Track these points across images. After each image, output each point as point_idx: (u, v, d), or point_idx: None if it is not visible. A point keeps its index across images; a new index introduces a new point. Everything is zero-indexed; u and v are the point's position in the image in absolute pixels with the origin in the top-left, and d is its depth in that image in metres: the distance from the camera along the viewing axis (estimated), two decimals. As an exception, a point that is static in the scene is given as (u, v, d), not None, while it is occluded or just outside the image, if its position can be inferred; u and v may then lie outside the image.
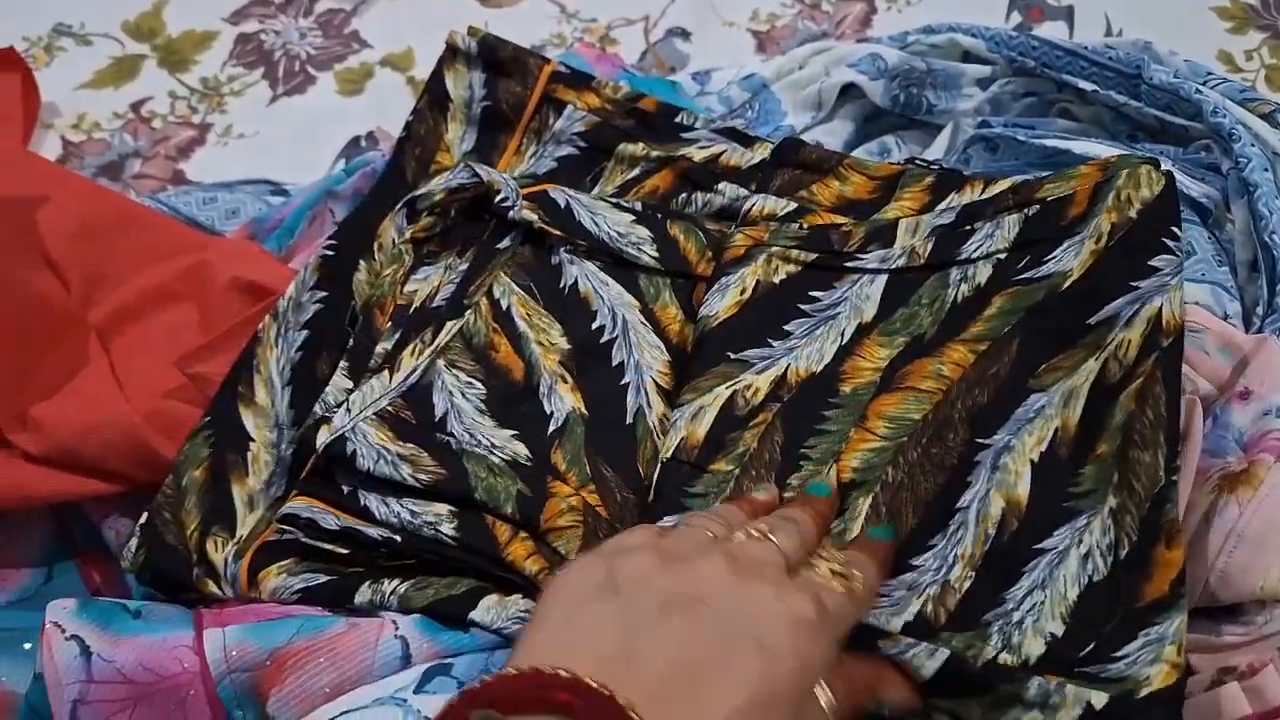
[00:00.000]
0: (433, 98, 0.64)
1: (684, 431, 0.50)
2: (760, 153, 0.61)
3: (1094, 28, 0.76)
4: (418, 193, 0.57)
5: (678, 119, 0.63)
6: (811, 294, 0.53)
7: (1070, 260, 0.50)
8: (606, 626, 0.35)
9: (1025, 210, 0.52)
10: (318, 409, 0.51)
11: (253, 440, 0.53)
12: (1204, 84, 0.63)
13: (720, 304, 0.53)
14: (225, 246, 0.60)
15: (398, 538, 0.48)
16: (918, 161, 0.64)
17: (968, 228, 0.53)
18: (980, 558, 0.45)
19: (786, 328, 0.53)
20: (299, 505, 0.49)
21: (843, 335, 0.52)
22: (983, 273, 0.51)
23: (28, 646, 0.53)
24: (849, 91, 0.69)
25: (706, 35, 0.78)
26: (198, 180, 0.73)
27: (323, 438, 0.50)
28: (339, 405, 0.51)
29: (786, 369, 0.52)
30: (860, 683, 0.40)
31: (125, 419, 0.51)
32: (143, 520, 0.50)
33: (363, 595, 0.46)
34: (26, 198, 0.62)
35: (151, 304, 0.58)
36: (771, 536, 0.40)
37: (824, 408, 0.50)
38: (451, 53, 0.64)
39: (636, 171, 0.61)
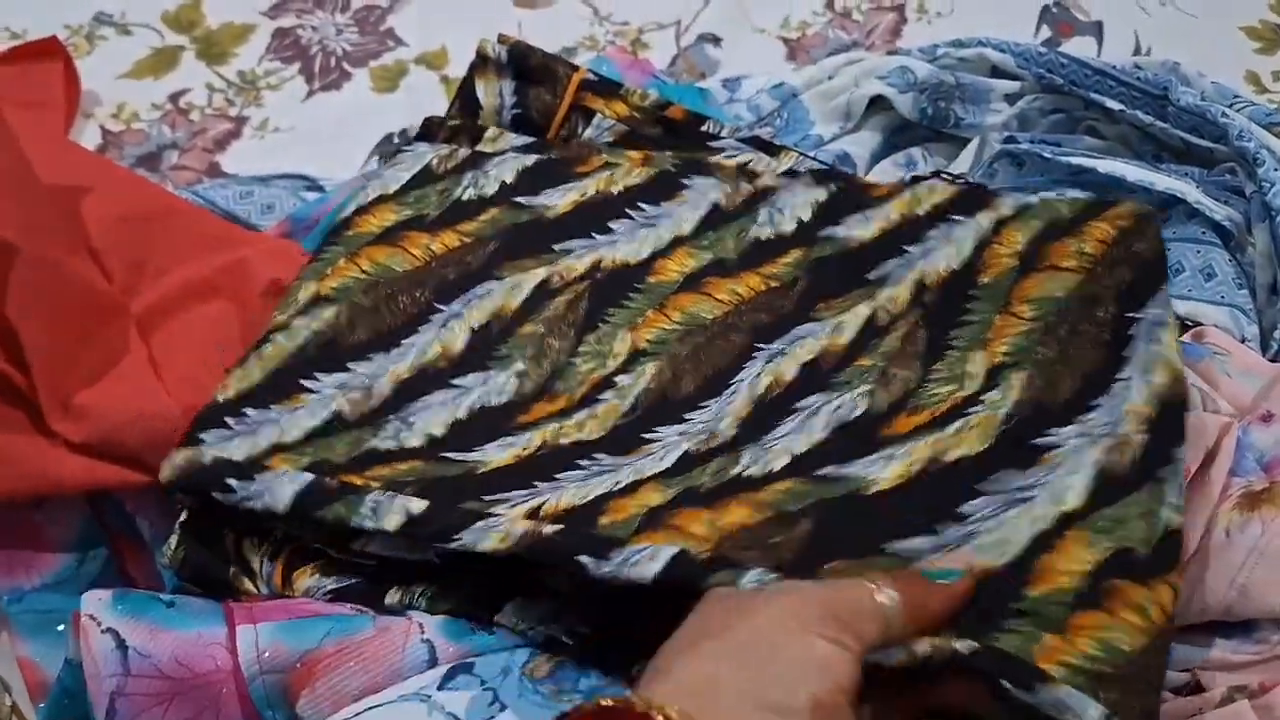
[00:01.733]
0: (464, 104, 0.65)
1: (500, 302, 0.56)
2: (786, 162, 0.62)
3: (1123, 45, 0.77)
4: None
5: (705, 128, 0.64)
6: (640, 204, 0.60)
7: (860, 230, 0.57)
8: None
9: (831, 185, 0.60)
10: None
11: None
12: (1230, 107, 0.64)
13: (560, 201, 0.60)
14: (265, 245, 0.61)
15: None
16: (943, 175, 0.65)
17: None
18: (747, 415, 0.51)
19: (611, 225, 0.59)
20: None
21: (660, 241, 0.58)
22: (787, 224, 0.58)
23: (61, 629, 0.54)
24: (877, 103, 0.70)
25: (737, 42, 0.79)
26: (234, 173, 0.74)
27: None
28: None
29: (602, 258, 0.58)
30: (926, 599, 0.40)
31: (167, 413, 0.52)
32: (182, 518, 0.51)
33: (392, 597, 0.48)
34: (71, 186, 0.63)
35: (191, 298, 0.59)
36: None
37: (630, 290, 0.57)
38: (482, 60, 0.65)
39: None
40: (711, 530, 0.45)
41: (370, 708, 0.43)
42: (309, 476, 0.48)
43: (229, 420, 0.51)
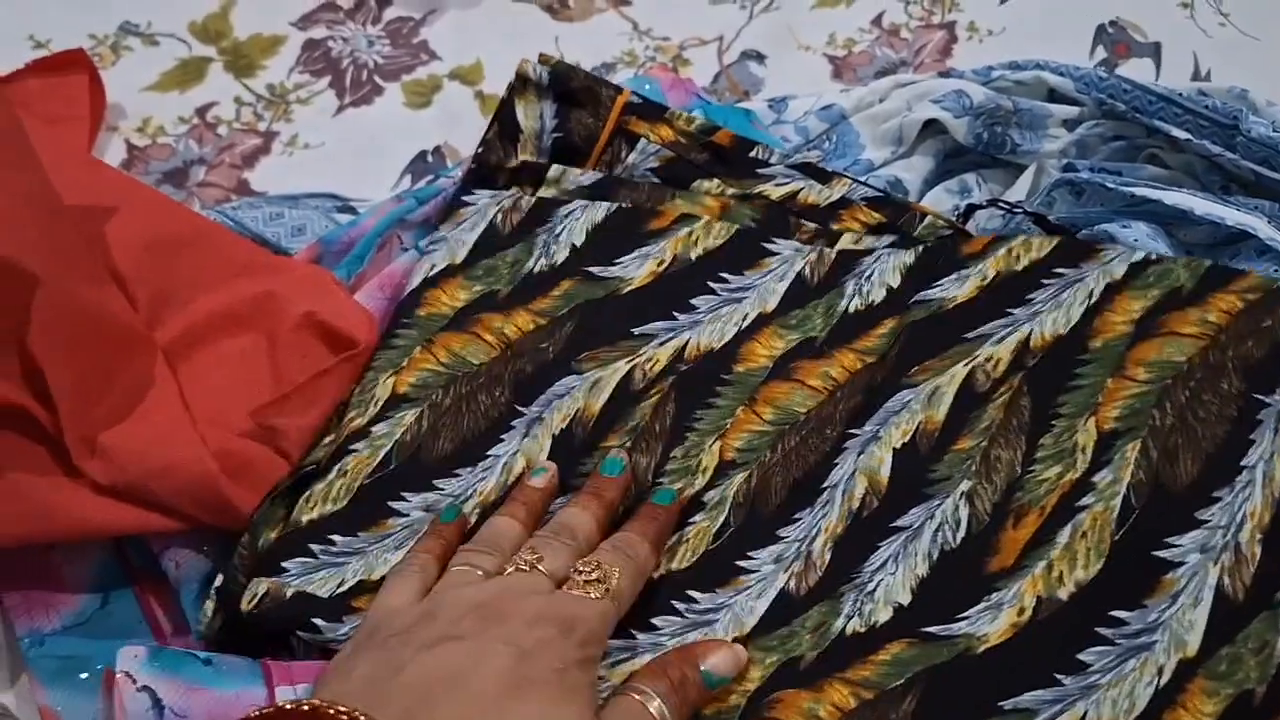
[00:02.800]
0: (503, 128, 0.63)
1: (580, 404, 0.52)
2: (839, 189, 0.60)
3: (1181, 67, 0.74)
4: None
5: (753, 153, 0.61)
6: (722, 274, 0.56)
7: (955, 290, 0.54)
8: (368, 668, 0.41)
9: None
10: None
11: None
12: (1303, 137, 0.61)
13: (637, 272, 0.56)
14: (296, 273, 0.59)
15: None
16: (1000, 204, 0.63)
17: (865, 247, 0.57)
18: (842, 533, 0.48)
19: (694, 303, 0.55)
20: None
21: (745, 319, 0.55)
22: (876, 292, 0.55)
23: (84, 676, 0.52)
24: (929, 127, 0.67)
25: (781, 59, 0.76)
26: (262, 190, 0.72)
27: None
28: None
29: (686, 343, 0.54)
30: (686, 673, 0.43)
31: (200, 464, 0.50)
32: (218, 584, 0.50)
33: None
34: (95, 208, 0.61)
35: (219, 329, 0.57)
36: (540, 566, 0.45)
37: (717, 384, 0.53)
38: (522, 82, 0.63)
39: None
40: None
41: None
42: None
43: (314, 547, 0.49)
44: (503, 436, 0.52)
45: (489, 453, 0.52)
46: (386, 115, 0.75)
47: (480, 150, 0.62)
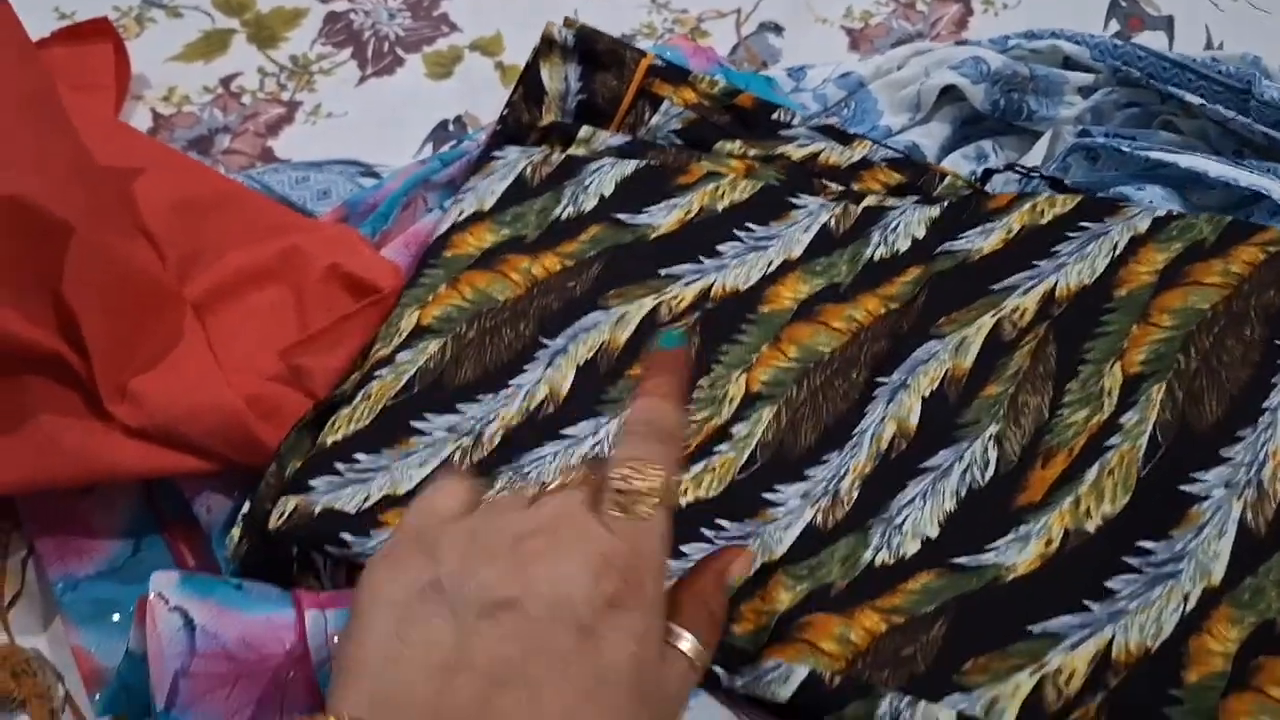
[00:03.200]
0: (528, 90, 0.63)
1: (606, 336, 0.54)
2: (860, 151, 0.61)
3: (1194, 40, 0.75)
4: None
5: (775, 116, 0.62)
6: (748, 224, 0.57)
7: (981, 242, 0.55)
8: (437, 632, 0.35)
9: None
10: None
11: None
12: (1316, 101, 0.62)
13: (664, 220, 0.58)
14: (322, 231, 0.60)
15: None
16: (1016, 168, 0.63)
17: (891, 204, 0.58)
18: (870, 472, 0.48)
19: (720, 249, 0.56)
20: None
21: (770, 265, 0.56)
22: (902, 242, 0.56)
23: (116, 618, 0.53)
24: (946, 94, 0.68)
25: (799, 31, 0.77)
26: (286, 157, 0.72)
27: None
28: None
29: (712, 284, 0.55)
30: (711, 592, 0.40)
31: (229, 405, 0.51)
32: (245, 510, 0.50)
33: None
34: (123, 169, 0.62)
35: (247, 284, 0.58)
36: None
37: (742, 321, 0.54)
38: (548, 44, 0.64)
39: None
40: (843, 646, 0.44)
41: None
42: None
43: (339, 466, 0.50)
44: (525, 367, 0.53)
45: (511, 381, 0.53)
46: (408, 86, 0.76)
47: (506, 111, 0.63)
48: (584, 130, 0.61)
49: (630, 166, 0.59)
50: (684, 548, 0.47)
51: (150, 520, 0.56)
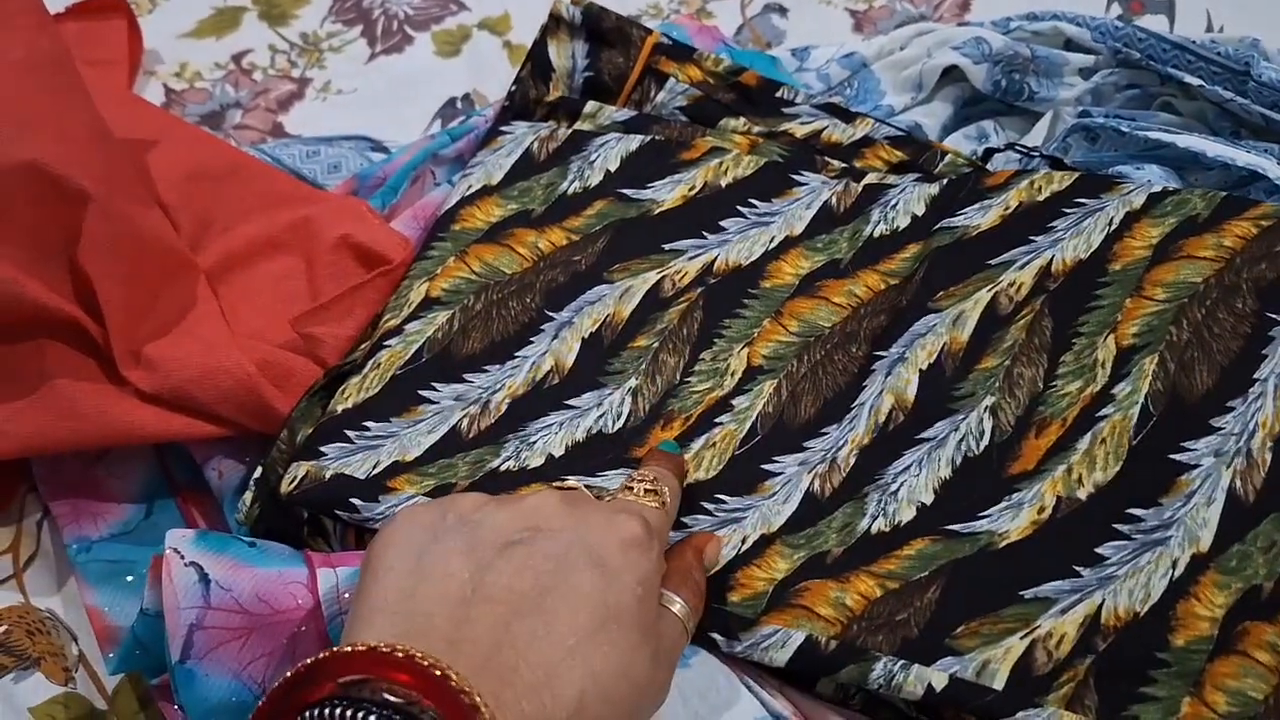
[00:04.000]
0: (535, 66, 0.64)
1: (610, 309, 0.55)
2: (862, 129, 0.61)
3: (1194, 23, 0.76)
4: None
5: (779, 94, 0.63)
6: (751, 200, 0.58)
7: (979, 218, 0.55)
8: (455, 565, 0.37)
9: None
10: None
11: None
12: (1314, 83, 0.63)
13: (669, 195, 0.58)
14: (332, 203, 0.61)
15: None
16: (1016, 148, 0.64)
17: (891, 181, 0.58)
18: (868, 443, 0.50)
19: (723, 224, 0.57)
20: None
21: (772, 241, 0.57)
22: (901, 219, 0.57)
23: (130, 579, 0.54)
24: (948, 75, 0.69)
25: (803, 12, 0.78)
26: (297, 133, 0.73)
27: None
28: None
29: (715, 259, 0.56)
30: (693, 564, 0.44)
31: (240, 369, 0.52)
32: (257, 474, 0.51)
33: None
34: (139, 141, 0.63)
35: (258, 253, 0.59)
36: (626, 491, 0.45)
37: (744, 296, 0.55)
38: (555, 22, 0.65)
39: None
40: (838, 610, 0.45)
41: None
42: None
43: (349, 433, 0.51)
44: (532, 339, 0.54)
45: (517, 353, 0.54)
46: (417, 63, 0.77)
47: (514, 88, 0.64)
48: (590, 105, 0.62)
49: (635, 142, 0.60)
50: (686, 519, 0.48)
51: (162, 485, 0.58)
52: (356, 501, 0.49)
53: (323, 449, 0.51)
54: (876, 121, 0.62)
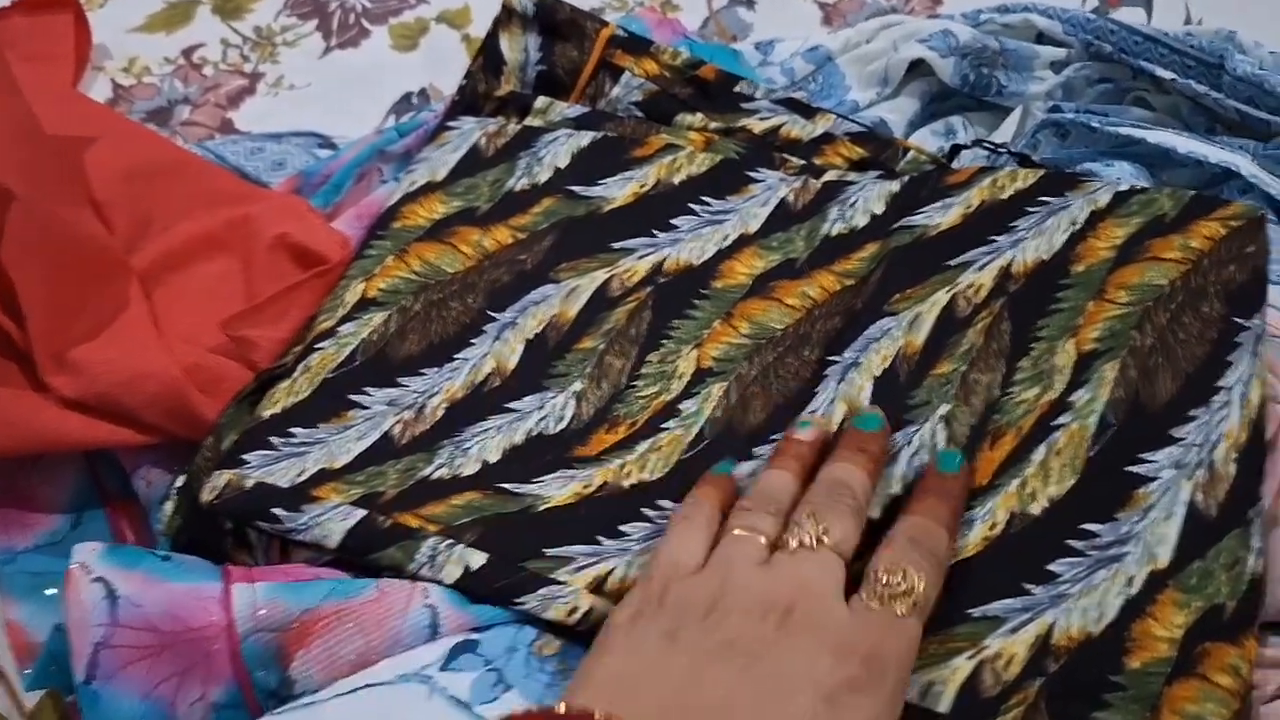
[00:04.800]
0: (487, 60, 0.62)
1: (556, 310, 0.53)
2: (822, 125, 0.59)
3: (1173, 14, 0.74)
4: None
5: (738, 88, 0.61)
6: (704, 198, 0.56)
7: (940, 217, 0.53)
8: (674, 668, 0.37)
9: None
10: None
11: None
12: (1290, 76, 0.60)
13: (619, 192, 0.56)
14: (272, 201, 0.59)
15: None
16: (984, 144, 0.62)
17: (851, 179, 0.56)
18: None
19: (674, 222, 0.55)
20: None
21: (725, 239, 0.55)
22: (860, 218, 0.55)
23: (51, 593, 0.52)
24: (916, 69, 0.67)
25: (771, 5, 0.76)
26: (246, 129, 0.71)
27: None
28: None
29: (665, 258, 0.54)
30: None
31: (167, 373, 0.50)
32: (179, 484, 0.49)
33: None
34: (75, 137, 0.61)
35: (195, 253, 0.57)
36: (825, 538, 0.41)
37: (694, 296, 0.53)
38: (508, 14, 0.63)
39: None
40: None
41: (368, 685, 0.40)
42: (361, 514, 0.46)
43: (274, 440, 0.49)
44: (473, 340, 0.52)
45: (457, 355, 0.52)
46: (373, 58, 0.75)
47: (465, 82, 0.62)
48: (540, 101, 0.60)
49: (586, 138, 0.58)
50: (623, 527, 0.46)
51: (93, 494, 0.56)
52: (279, 511, 0.47)
53: (246, 457, 0.49)
54: (838, 117, 0.60)
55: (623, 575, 0.44)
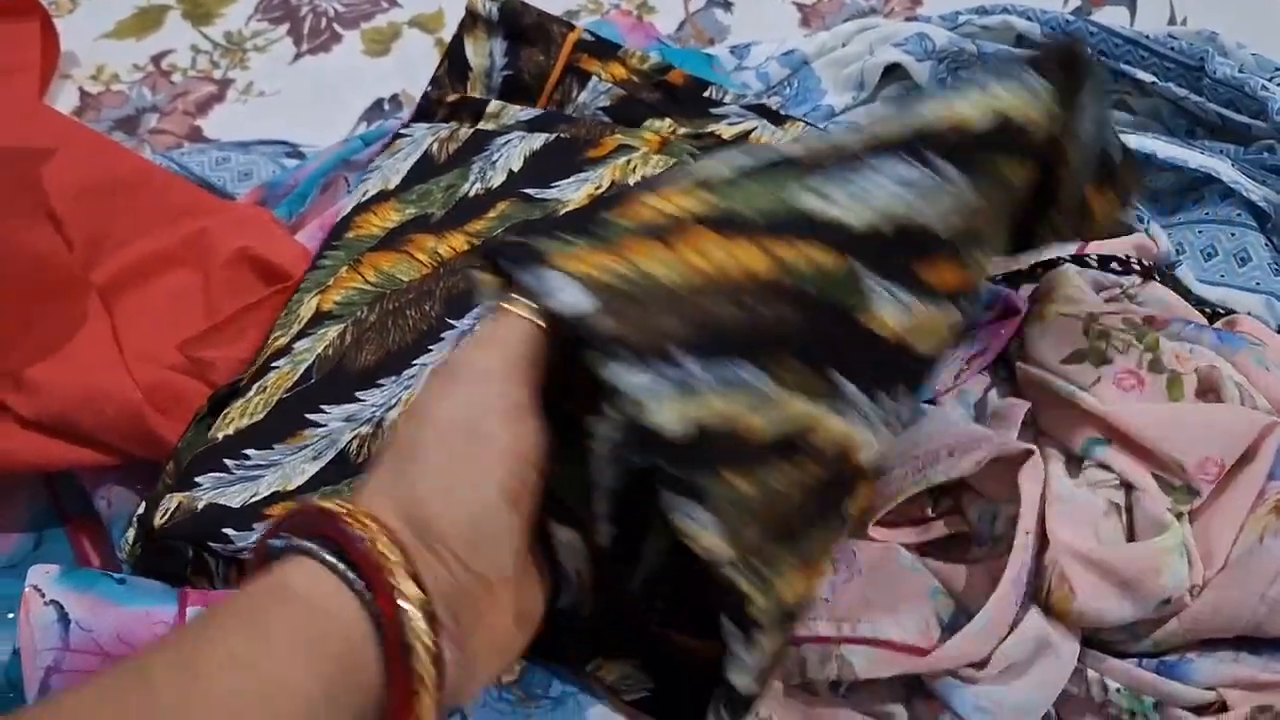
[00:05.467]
0: (452, 65, 0.61)
1: None
2: (792, 131, 0.58)
3: (1157, 13, 0.72)
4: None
5: (707, 94, 0.60)
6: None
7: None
8: None
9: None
10: None
11: None
12: (1271, 80, 0.59)
13: (575, 195, 0.57)
14: (233, 213, 0.58)
15: None
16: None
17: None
18: None
19: None
20: None
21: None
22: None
23: (11, 616, 0.51)
24: (892, 72, 0.66)
25: (748, 6, 0.75)
26: (215, 138, 0.71)
27: None
28: None
29: None
30: None
31: (124, 394, 0.50)
32: (140, 511, 0.49)
33: None
34: (32, 150, 0.60)
35: (153, 269, 0.56)
36: None
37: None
38: (472, 18, 0.62)
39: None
40: None
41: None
42: None
43: (228, 462, 0.49)
44: (431, 347, 0.52)
45: (415, 361, 0.51)
46: (345, 63, 0.74)
47: (429, 88, 0.61)
48: (493, 105, 0.59)
49: (539, 140, 0.57)
50: (199, 479, 0.48)
51: (52, 514, 0.55)
52: (230, 531, 0.46)
53: (198, 479, 0.48)
54: (807, 125, 0.59)
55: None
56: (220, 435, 0.49)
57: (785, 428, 0.34)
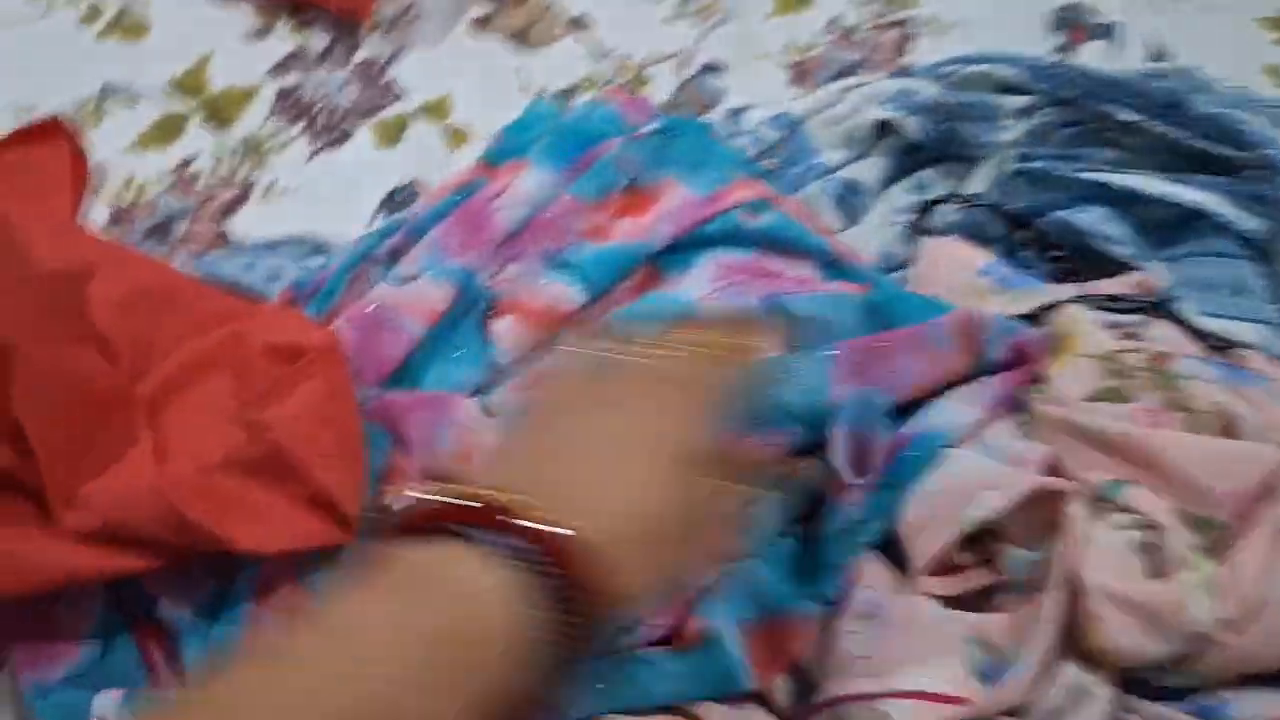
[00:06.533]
0: None
1: None
2: None
3: (1137, 44, 0.74)
4: None
5: None
6: None
7: None
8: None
9: None
10: None
11: None
12: (1251, 110, 0.61)
13: None
14: (264, 315, 0.61)
15: None
16: (956, 197, 0.63)
17: None
18: None
19: None
20: None
21: None
22: None
23: (78, 732, 0.54)
24: (885, 126, 0.68)
25: (740, 69, 0.77)
26: (242, 237, 0.74)
27: None
28: None
29: None
30: None
31: (152, 486, 0.52)
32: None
33: None
34: (75, 272, 0.63)
35: (192, 374, 0.59)
36: None
37: None
38: None
39: None
40: None
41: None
42: None
43: None
44: None
45: None
46: (358, 156, 0.77)
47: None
48: None
49: None
50: None
51: (118, 622, 0.57)
52: None
53: None
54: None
55: None
56: None
57: None
